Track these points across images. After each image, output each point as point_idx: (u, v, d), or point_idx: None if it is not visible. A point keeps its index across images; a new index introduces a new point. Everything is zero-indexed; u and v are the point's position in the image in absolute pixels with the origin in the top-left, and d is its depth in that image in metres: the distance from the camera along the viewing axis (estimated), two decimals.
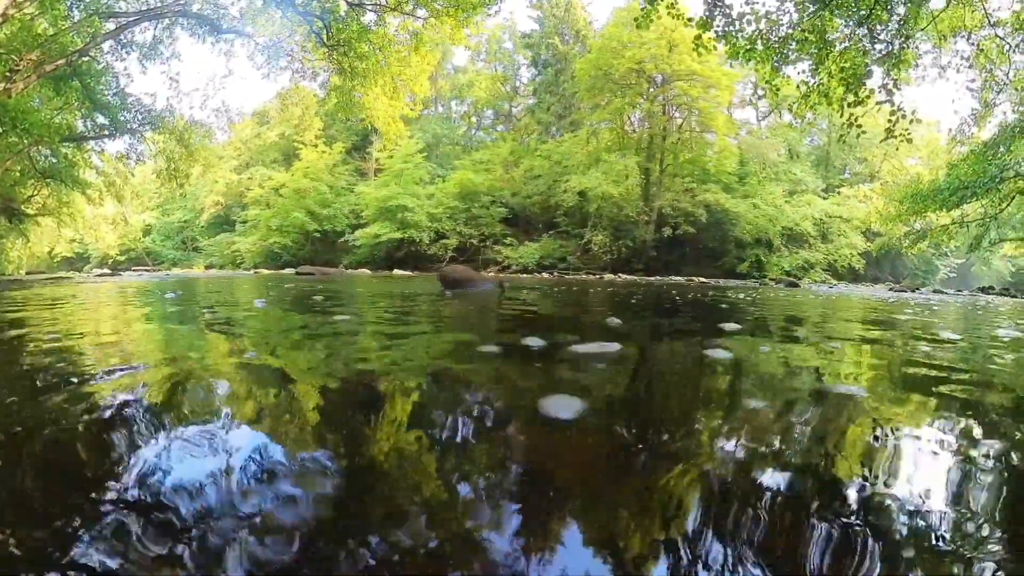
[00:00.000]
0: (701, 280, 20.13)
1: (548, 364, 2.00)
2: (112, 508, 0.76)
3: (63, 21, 13.22)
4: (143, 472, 0.89)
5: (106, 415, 1.20)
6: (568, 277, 20.45)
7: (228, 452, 0.99)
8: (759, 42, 7.87)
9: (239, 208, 39.28)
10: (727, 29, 7.74)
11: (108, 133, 16.49)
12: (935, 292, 15.71)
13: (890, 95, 7.67)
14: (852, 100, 7.81)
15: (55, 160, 16.52)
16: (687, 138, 29.64)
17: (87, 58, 14.23)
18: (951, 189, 14.26)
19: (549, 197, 30.15)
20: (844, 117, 7.96)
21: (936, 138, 30.11)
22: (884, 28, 8.06)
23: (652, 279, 20.89)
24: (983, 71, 14.62)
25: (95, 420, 1.17)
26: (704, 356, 2.29)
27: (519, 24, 50.37)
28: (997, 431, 1.28)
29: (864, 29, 7.95)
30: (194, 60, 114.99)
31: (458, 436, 1.15)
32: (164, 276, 16.36)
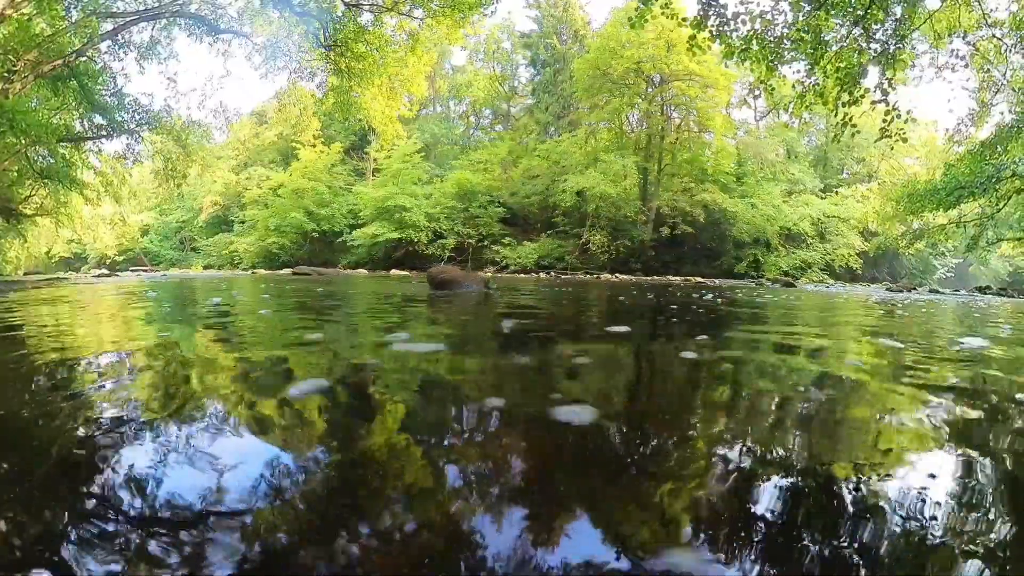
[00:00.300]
0: (698, 280, 20.16)
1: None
2: (100, 506, 0.77)
3: (60, 21, 13.23)
4: (128, 471, 0.89)
5: (92, 414, 1.21)
6: (566, 277, 20.45)
7: (216, 450, 0.99)
8: (754, 42, 7.87)
9: (237, 208, 39.21)
10: (722, 29, 7.75)
11: (106, 133, 16.45)
12: (931, 292, 15.72)
13: (885, 95, 7.68)
14: (847, 100, 7.82)
15: (53, 160, 16.47)
16: (685, 138, 29.70)
17: (84, 58, 14.21)
18: (948, 189, 14.30)
19: (547, 197, 30.14)
20: (839, 117, 7.97)
21: (934, 138, 30.22)
22: (880, 28, 8.07)
23: (650, 279, 20.90)
24: (980, 71, 14.65)
25: (84, 420, 1.17)
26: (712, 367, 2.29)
27: (517, 24, 50.58)
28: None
29: (860, 29, 7.95)
30: (192, 60, 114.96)
31: None
32: (162, 276, 16.35)
